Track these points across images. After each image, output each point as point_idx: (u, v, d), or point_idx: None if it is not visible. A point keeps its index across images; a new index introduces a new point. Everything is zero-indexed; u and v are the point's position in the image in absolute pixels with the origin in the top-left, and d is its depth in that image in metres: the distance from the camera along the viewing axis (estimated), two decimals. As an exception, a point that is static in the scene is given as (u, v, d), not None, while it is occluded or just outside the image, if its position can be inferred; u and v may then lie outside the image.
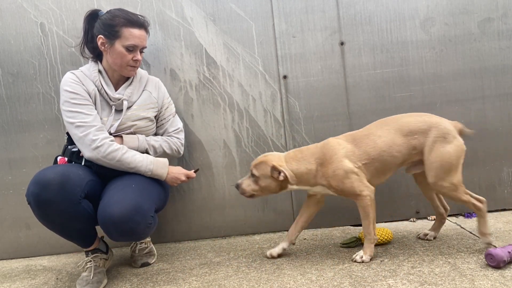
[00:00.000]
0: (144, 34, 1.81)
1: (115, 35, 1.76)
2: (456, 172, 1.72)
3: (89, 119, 1.73)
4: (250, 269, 1.80)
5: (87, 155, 1.72)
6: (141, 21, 1.81)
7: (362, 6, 2.22)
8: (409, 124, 1.76)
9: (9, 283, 1.93)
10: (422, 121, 1.76)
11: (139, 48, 1.80)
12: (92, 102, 1.79)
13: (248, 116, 2.27)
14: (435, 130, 1.73)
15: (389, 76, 2.25)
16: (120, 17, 1.77)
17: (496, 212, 2.30)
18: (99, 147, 1.70)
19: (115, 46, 1.77)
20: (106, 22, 1.78)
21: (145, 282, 1.78)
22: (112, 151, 1.71)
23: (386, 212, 2.31)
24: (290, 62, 2.25)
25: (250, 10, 2.22)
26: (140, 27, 1.79)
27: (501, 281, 1.46)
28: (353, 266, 1.73)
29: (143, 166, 1.77)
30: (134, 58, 1.79)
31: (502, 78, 2.26)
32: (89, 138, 1.70)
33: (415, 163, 1.83)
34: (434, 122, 1.75)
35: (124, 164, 1.74)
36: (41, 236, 2.28)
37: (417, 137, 1.75)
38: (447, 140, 1.72)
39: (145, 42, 1.83)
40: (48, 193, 1.55)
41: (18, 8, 2.19)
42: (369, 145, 1.76)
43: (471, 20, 2.24)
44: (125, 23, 1.76)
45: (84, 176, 1.68)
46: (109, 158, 1.72)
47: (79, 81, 1.79)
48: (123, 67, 1.81)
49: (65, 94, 1.76)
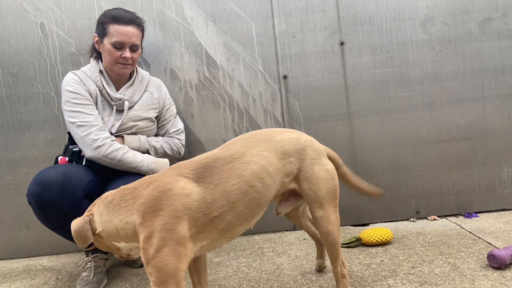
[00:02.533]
0: (132, 30, 1.78)
1: (104, 33, 1.78)
2: (337, 198, 1.37)
3: (91, 119, 1.73)
4: (250, 269, 1.80)
5: (88, 154, 1.72)
6: (129, 17, 1.78)
7: (362, 6, 2.22)
8: (284, 144, 1.31)
9: (9, 283, 1.93)
10: (296, 139, 1.34)
11: (127, 45, 1.78)
12: (93, 102, 1.79)
13: (248, 116, 2.27)
14: (310, 149, 1.34)
15: (389, 76, 2.25)
16: (108, 14, 1.79)
17: (496, 212, 2.30)
18: (100, 147, 1.70)
19: (104, 43, 1.79)
20: (98, 21, 1.81)
21: (145, 282, 1.78)
22: (113, 150, 1.72)
23: (386, 212, 2.31)
24: (290, 62, 2.25)
25: (250, 10, 2.22)
26: (128, 24, 1.77)
27: (501, 281, 1.46)
28: (353, 266, 1.73)
29: (144, 165, 1.77)
30: (123, 55, 1.78)
31: (502, 78, 2.26)
32: (91, 137, 1.71)
33: (286, 197, 1.40)
34: (309, 140, 1.37)
35: (125, 163, 1.74)
36: (41, 236, 2.28)
37: (292, 161, 1.31)
38: (324, 161, 1.36)
39: (134, 39, 1.80)
40: (49, 194, 1.55)
41: (18, 8, 2.19)
42: (229, 182, 1.17)
43: (471, 20, 2.24)
44: (111, 20, 1.77)
45: (85, 176, 1.68)
46: (110, 158, 1.72)
47: (80, 81, 1.80)
48: (112, 65, 1.81)
49: (67, 94, 1.76)
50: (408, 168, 2.29)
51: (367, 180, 2.27)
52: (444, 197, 2.30)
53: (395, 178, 2.29)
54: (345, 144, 2.27)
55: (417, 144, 2.28)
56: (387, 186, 2.29)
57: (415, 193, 2.30)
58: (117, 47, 1.77)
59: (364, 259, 1.79)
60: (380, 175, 2.29)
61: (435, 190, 2.30)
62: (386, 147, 2.28)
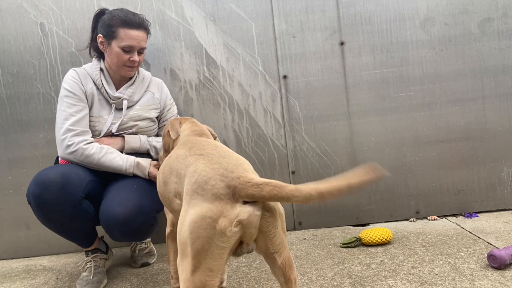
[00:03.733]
0: (141, 34, 1.79)
1: (112, 35, 1.77)
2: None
3: (72, 121, 1.73)
4: (250, 269, 1.80)
5: (63, 157, 1.73)
6: (138, 21, 1.78)
7: (362, 6, 2.22)
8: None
9: (9, 283, 1.92)
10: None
11: (136, 49, 1.79)
12: (86, 103, 1.80)
13: (248, 116, 2.27)
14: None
15: (389, 76, 2.25)
16: (117, 17, 1.76)
17: (496, 212, 2.30)
18: (74, 152, 1.71)
19: (112, 46, 1.77)
20: (105, 22, 1.78)
21: (145, 282, 1.78)
22: (87, 155, 1.71)
23: (386, 212, 2.31)
24: (290, 62, 2.25)
25: (250, 10, 2.22)
26: (138, 28, 1.78)
27: (501, 281, 1.46)
28: (353, 266, 1.73)
29: (123, 171, 1.76)
30: (131, 58, 1.78)
31: (502, 78, 2.26)
32: (65, 143, 1.72)
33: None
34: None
35: (102, 167, 1.74)
36: (41, 236, 2.28)
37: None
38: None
39: (143, 43, 1.81)
40: (49, 194, 1.55)
41: (18, 8, 2.19)
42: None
43: (471, 20, 2.24)
44: (121, 23, 1.75)
45: (84, 176, 1.68)
46: (87, 162, 1.72)
47: (78, 80, 1.80)
48: (119, 67, 1.80)
49: (62, 91, 1.79)
50: (408, 168, 2.29)
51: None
52: (444, 197, 2.30)
53: (395, 178, 2.29)
54: (345, 144, 2.27)
55: (417, 144, 2.28)
56: (387, 186, 2.29)
57: (415, 193, 2.30)
58: (126, 50, 1.77)
59: (364, 259, 1.79)
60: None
61: (435, 190, 2.30)
62: (386, 147, 2.28)
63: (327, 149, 2.28)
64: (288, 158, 2.28)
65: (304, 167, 2.28)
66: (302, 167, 2.28)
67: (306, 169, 2.28)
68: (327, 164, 2.28)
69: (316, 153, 2.28)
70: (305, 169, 2.28)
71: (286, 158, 2.28)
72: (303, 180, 2.28)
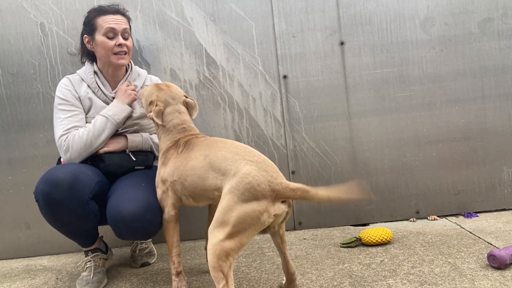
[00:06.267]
0: (119, 17, 1.80)
1: (92, 28, 1.79)
2: None
3: (66, 127, 1.74)
4: (250, 269, 1.80)
5: (67, 161, 1.75)
6: (114, 8, 1.82)
7: (362, 6, 2.22)
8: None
9: (9, 283, 1.93)
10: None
11: (118, 32, 1.78)
12: (80, 107, 1.80)
13: (248, 116, 2.27)
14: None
15: (389, 76, 2.25)
16: (92, 10, 1.82)
17: (496, 212, 2.30)
18: (69, 149, 1.72)
19: (96, 38, 1.79)
20: (84, 21, 1.83)
21: (145, 282, 1.78)
22: (78, 138, 1.71)
23: (386, 212, 2.31)
24: (290, 62, 2.25)
25: (250, 10, 2.22)
26: (114, 13, 1.80)
27: (501, 281, 1.46)
28: (353, 266, 1.73)
29: (109, 124, 1.75)
30: (117, 43, 1.78)
31: (502, 78, 2.26)
32: (63, 148, 1.73)
33: None
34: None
35: (98, 139, 1.73)
36: (41, 236, 2.28)
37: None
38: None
39: (123, 25, 1.80)
40: (58, 193, 1.55)
41: (18, 8, 2.19)
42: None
43: (471, 20, 2.24)
44: (97, 13, 1.79)
45: (93, 176, 1.68)
46: (84, 146, 1.71)
47: (71, 87, 1.81)
48: (109, 57, 1.80)
49: (55, 99, 1.81)
50: (408, 168, 2.29)
51: (366, 180, 2.29)
52: (444, 197, 2.30)
53: (395, 178, 2.29)
54: (345, 144, 2.27)
55: (417, 144, 2.28)
56: (387, 186, 2.29)
57: (415, 193, 2.30)
58: (109, 37, 1.77)
59: (364, 259, 1.79)
60: (380, 175, 2.29)
61: (435, 190, 2.30)
62: (386, 147, 2.28)
63: (327, 149, 2.28)
64: (288, 158, 2.28)
65: (304, 167, 2.28)
66: (302, 167, 2.28)
67: (306, 169, 2.28)
68: (327, 164, 2.28)
69: (316, 153, 2.28)
70: (305, 169, 2.28)
71: (286, 158, 2.28)
72: (303, 180, 2.28)
